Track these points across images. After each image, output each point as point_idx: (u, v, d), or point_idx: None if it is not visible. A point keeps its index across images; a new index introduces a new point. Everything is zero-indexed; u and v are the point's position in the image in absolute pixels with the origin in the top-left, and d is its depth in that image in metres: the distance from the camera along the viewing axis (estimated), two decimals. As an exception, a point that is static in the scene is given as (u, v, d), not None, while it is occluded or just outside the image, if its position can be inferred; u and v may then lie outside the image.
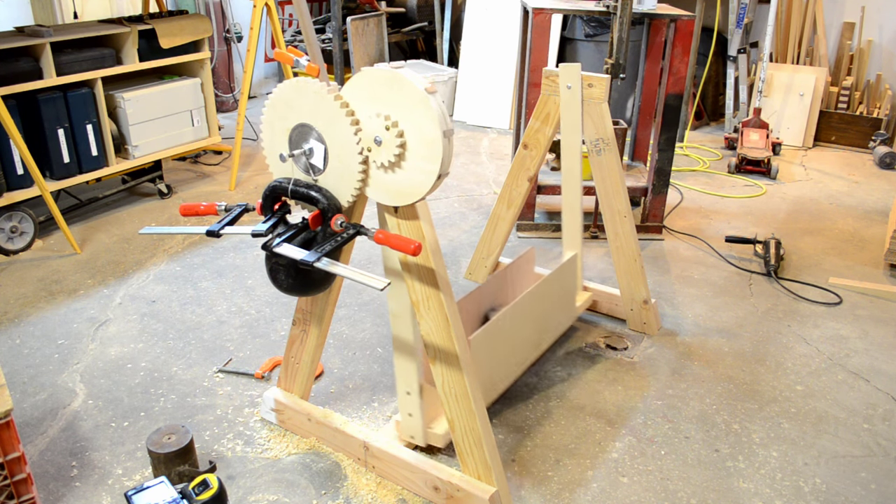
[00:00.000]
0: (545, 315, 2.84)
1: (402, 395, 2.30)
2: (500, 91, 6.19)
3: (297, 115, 1.99)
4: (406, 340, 2.22)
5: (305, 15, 4.46)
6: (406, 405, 2.31)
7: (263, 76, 7.21)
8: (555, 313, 2.93)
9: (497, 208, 3.21)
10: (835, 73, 6.05)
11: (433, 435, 2.35)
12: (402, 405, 2.32)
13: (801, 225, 4.36)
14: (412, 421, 2.33)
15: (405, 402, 2.31)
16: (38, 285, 3.44)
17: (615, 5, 3.32)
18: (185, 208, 2.12)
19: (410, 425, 2.35)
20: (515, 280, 2.99)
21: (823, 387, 2.84)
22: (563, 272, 2.92)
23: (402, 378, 2.28)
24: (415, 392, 2.27)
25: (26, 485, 1.90)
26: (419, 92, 1.81)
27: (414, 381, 2.25)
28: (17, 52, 3.63)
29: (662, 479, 2.35)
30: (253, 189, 4.67)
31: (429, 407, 2.36)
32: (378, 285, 1.79)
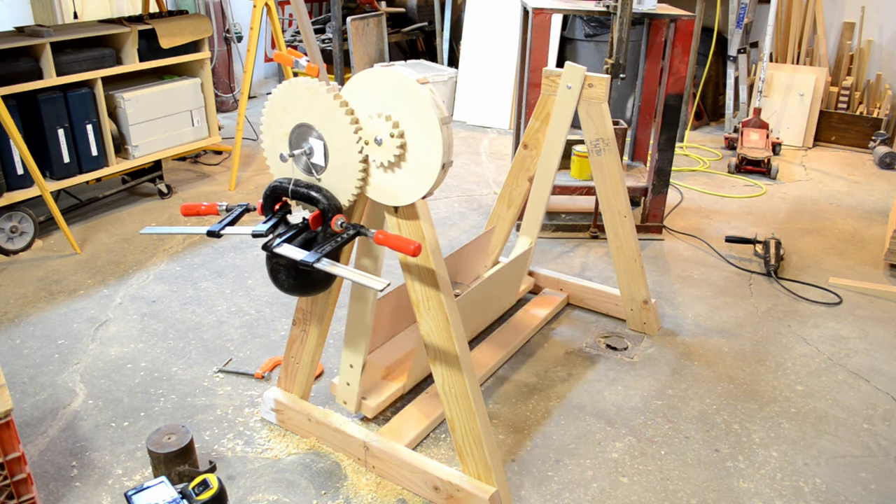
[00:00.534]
0: (492, 299, 3.06)
1: (345, 366, 2.49)
2: (500, 91, 6.19)
3: (297, 115, 1.99)
4: (363, 319, 2.37)
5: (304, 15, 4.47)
6: (346, 375, 2.51)
7: (263, 76, 7.21)
8: (501, 297, 3.17)
9: (497, 208, 3.21)
10: (835, 73, 6.05)
11: (366, 406, 2.57)
12: (343, 374, 2.52)
13: (801, 225, 4.36)
14: (349, 389, 2.54)
15: (346, 373, 2.50)
16: (38, 285, 3.44)
17: (615, 5, 3.32)
18: (185, 208, 2.12)
19: (346, 392, 2.55)
20: (470, 260, 3.15)
21: (823, 387, 2.84)
22: (517, 262, 3.10)
23: (349, 352, 2.45)
24: (358, 366, 2.46)
25: (26, 485, 1.91)
26: (411, 84, 1.82)
27: (361, 356, 2.43)
28: (17, 52, 3.63)
29: (662, 479, 2.35)
30: (253, 189, 4.68)
31: (366, 381, 2.60)
32: (377, 286, 1.79)
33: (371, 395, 2.60)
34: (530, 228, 3.19)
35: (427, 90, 1.82)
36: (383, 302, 2.58)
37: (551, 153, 2.99)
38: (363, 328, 2.38)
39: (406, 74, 1.83)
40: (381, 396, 2.60)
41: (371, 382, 2.65)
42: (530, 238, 3.19)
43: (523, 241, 3.20)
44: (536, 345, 3.07)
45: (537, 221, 3.17)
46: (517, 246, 3.21)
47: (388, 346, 2.77)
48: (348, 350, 2.45)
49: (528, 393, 2.76)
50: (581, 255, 3.90)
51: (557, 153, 2.97)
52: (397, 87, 1.85)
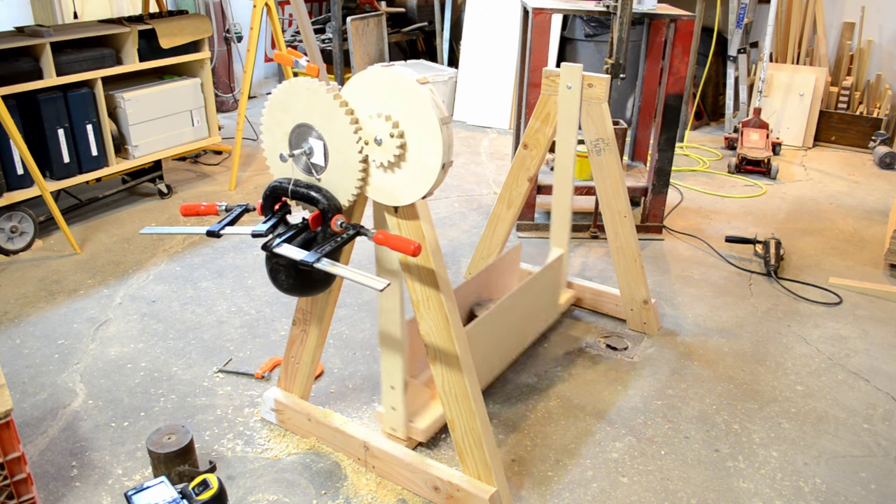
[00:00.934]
0: (529, 313, 2.91)
1: (386, 388, 2.35)
2: (500, 91, 6.19)
3: (297, 115, 1.99)
4: (393, 336, 2.25)
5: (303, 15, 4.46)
6: (389, 399, 2.35)
7: (263, 76, 7.21)
8: (539, 310, 3.00)
9: (497, 208, 3.21)
10: (835, 73, 6.05)
11: (414, 429, 2.40)
12: (386, 399, 2.36)
13: (801, 225, 4.36)
14: (395, 414, 2.37)
15: (389, 396, 2.35)
16: (38, 285, 3.44)
17: (615, 5, 3.32)
18: (185, 208, 2.12)
19: (392, 418, 2.39)
20: (501, 275, 3.04)
21: (823, 387, 2.84)
22: (548, 271, 2.98)
23: (387, 373, 2.32)
24: (399, 387, 2.31)
25: (26, 485, 1.91)
26: (411, 84, 1.82)
27: (399, 376, 2.29)
28: (17, 52, 3.63)
29: (662, 479, 2.35)
30: (253, 189, 4.68)
31: (411, 402, 2.40)
32: (378, 286, 1.79)
33: (418, 417, 2.42)
34: (560, 237, 3.10)
35: (427, 90, 1.82)
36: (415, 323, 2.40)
37: (565, 157, 2.95)
38: (395, 344, 2.25)
39: (406, 74, 1.83)
40: (431, 417, 2.41)
41: (419, 404, 2.47)
42: (562, 248, 3.10)
43: (555, 252, 3.10)
44: (536, 345, 3.07)
45: (566, 228, 3.08)
46: (550, 255, 3.10)
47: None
48: (386, 371, 2.31)
49: (528, 393, 2.76)
50: (581, 255, 3.90)
51: (570, 155, 2.94)
52: (397, 87, 1.85)
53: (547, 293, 3.04)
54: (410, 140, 1.88)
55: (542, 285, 2.94)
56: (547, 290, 3.02)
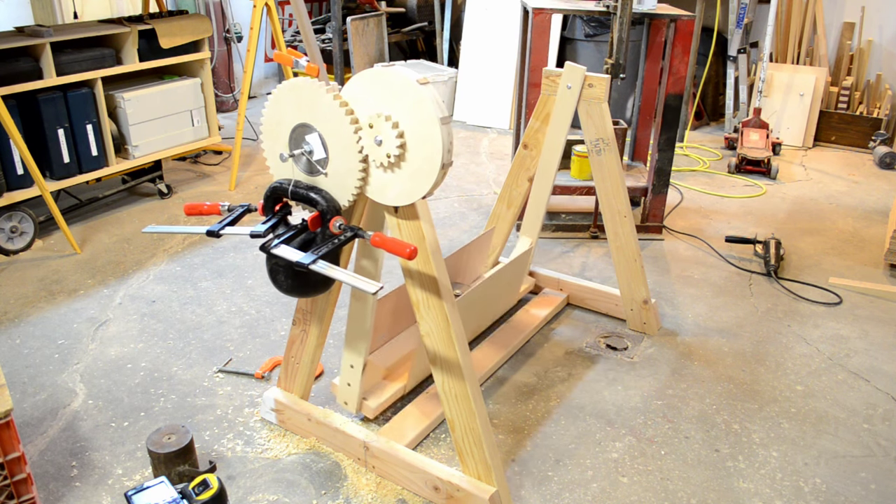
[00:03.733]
0: (492, 300, 3.05)
1: (345, 366, 2.49)
2: (500, 91, 6.19)
3: (297, 115, 1.99)
4: (363, 320, 2.37)
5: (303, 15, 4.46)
6: (347, 376, 2.51)
7: (263, 76, 7.21)
8: (501, 298, 3.15)
9: (497, 208, 3.21)
10: (835, 73, 6.05)
11: (366, 406, 2.57)
12: (344, 375, 2.52)
13: (801, 225, 4.36)
14: (349, 390, 2.54)
15: (347, 373, 2.51)
16: (38, 285, 3.44)
17: (615, 5, 3.32)
18: (189, 207, 2.13)
19: (347, 393, 2.55)
20: (470, 260, 3.12)
21: (823, 387, 2.84)
22: (517, 262, 3.08)
23: (350, 352, 2.45)
24: (359, 366, 2.46)
25: (26, 485, 1.91)
26: (411, 84, 1.82)
27: (361, 356, 2.43)
28: (17, 52, 3.63)
29: (662, 479, 2.35)
30: (253, 189, 4.68)
31: (366, 381, 2.58)
32: (370, 289, 1.79)
33: (372, 396, 2.60)
34: (531, 228, 3.19)
35: (427, 90, 1.82)
36: (383, 302, 2.58)
37: (551, 153, 2.99)
38: (363, 329, 2.38)
39: (406, 74, 1.83)
40: (382, 397, 2.59)
41: (372, 383, 2.65)
42: (531, 238, 3.19)
43: (524, 242, 3.20)
44: (536, 345, 3.07)
45: (538, 221, 3.17)
46: (517, 246, 3.21)
47: (388, 346, 2.77)
48: (349, 350, 2.45)
49: (527, 393, 2.76)
50: (581, 255, 3.90)
51: (557, 153, 2.97)
52: (397, 87, 1.85)
53: (512, 282, 3.16)
54: (410, 140, 1.88)
55: (508, 275, 3.07)
56: (512, 279, 3.15)
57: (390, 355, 2.75)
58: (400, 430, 2.44)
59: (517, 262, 3.09)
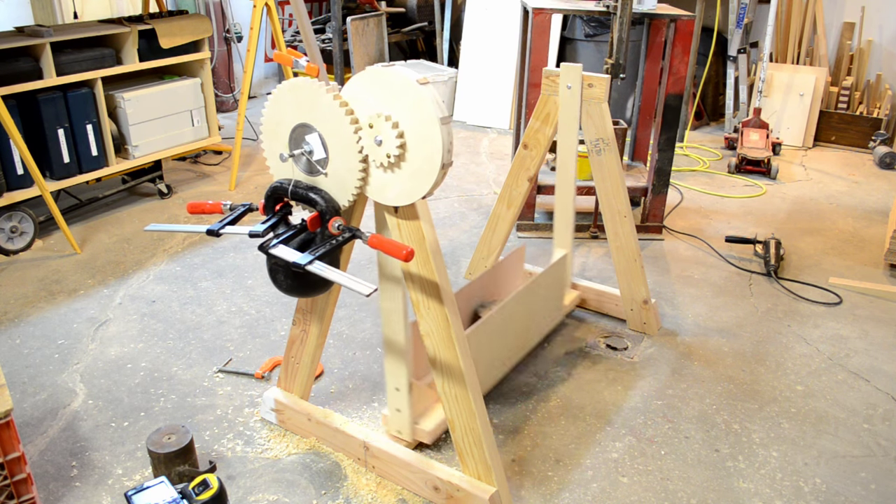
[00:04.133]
0: (533, 313, 2.88)
1: (391, 390, 2.33)
2: (500, 91, 6.19)
3: (297, 115, 1.99)
4: (397, 337, 2.24)
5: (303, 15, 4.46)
6: (395, 401, 2.34)
7: (263, 76, 7.21)
8: (543, 312, 2.98)
9: (497, 208, 3.21)
10: (835, 73, 6.05)
11: (420, 431, 2.38)
12: (391, 401, 2.35)
13: (801, 225, 4.36)
14: (400, 416, 2.37)
15: (394, 398, 2.34)
16: (38, 285, 3.44)
17: (615, 5, 3.32)
18: (192, 206, 2.14)
19: (398, 420, 2.38)
20: (505, 276, 3.02)
21: (823, 387, 2.84)
22: (553, 271, 2.96)
23: (391, 374, 2.31)
24: (404, 388, 2.30)
25: (26, 485, 1.91)
26: (411, 84, 1.82)
27: (403, 378, 2.28)
28: (17, 52, 3.63)
29: (662, 479, 2.35)
30: (253, 189, 4.68)
31: (416, 403, 2.39)
32: (364, 291, 1.78)
33: (423, 419, 2.40)
34: (563, 237, 3.09)
35: (427, 90, 1.82)
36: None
37: (566, 157, 2.94)
38: (399, 345, 2.24)
39: (406, 74, 1.83)
40: (437, 419, 2.39)
41: (424, 406, 2.45)
42: (566, 249, 3.09)
43: (559, 252, 3.10)
44: (536, 345, 3.07)
45: (569, 229, 3.08)
46: (554, 256, 3.09)
47: None
48: (390, 373, 2.30)
49: (527, 393, 2.76)
50: (581, 255, 3.90)
51: (572, 156, 2.93)
52: (397, 87, 1.84)
53: (551, 294, 3.02)
54: (410, 140, 1.88)
55: (545, 286, 2.93)
56: (551, 290, 3.01)
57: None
58: (400, 430, 2.42)
59: (553, 271, 2.93)
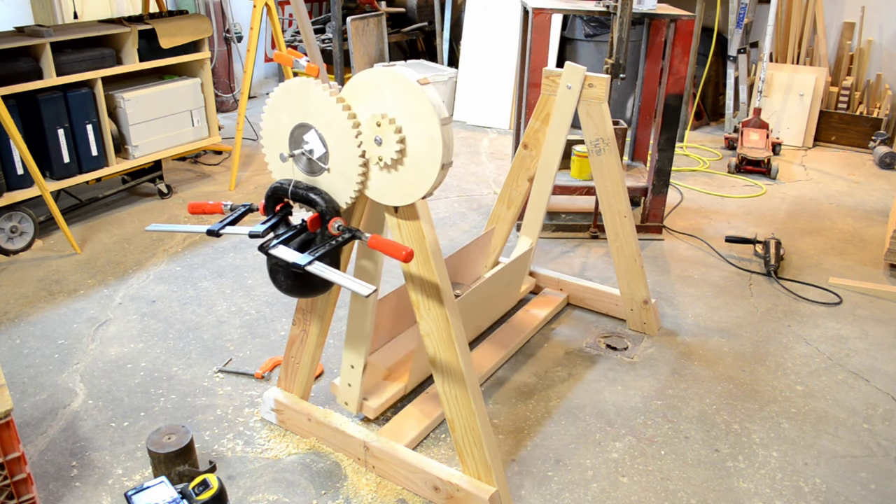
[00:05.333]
0: (490, 302, 3.04)
1: (346, 366, 2.49)
2: (500, 91, 6.19)
3: (297, 115, 1.99)
4: (363, 320, 2.37)
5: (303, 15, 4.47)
6: (347, 376, 2.51)
7: (263, 76, 7.21)
8: (499, 298, 3.13)
9: (497, 208, 3.21)
10: (835, 73, 6.05)
11: (367, 406, 2.57)
12: (344, 375, 2.52)
13: (801, 225, 4.36)
14: (350, 390, 2.54)
15: (347, 374, 2.51)
16: (38, 285, 3.44)
17: (615, 5, 3.32)
18: (192, 206, 2.14)
19: (347, 393, 2.55)
20: (471, 260, 3.13)
21: (823, 387, 2.84)
22: (517, 262, 3.07)
23: (350, 353, 2.45)
24: (359, 367, 2.46)
25: (26, 485, 1.91)
26: (411, 84, 1.82)
27: (361, 357, 2.43)
28: (17, 52, 3.63)
29: (662, 479, 2.35)
30: (253, 189, 4.68)
31: (367, 381, 2.57)
32: (364, 291, 1.79)
33: (372, 396, 2.59)
34: (531, 229, 3.19)
35: (427, 91, 1.82)
36: (384, 302, 2.58)
37: (551, 153, 2.98)
38: (363, 329, 2.38)
39: (406, 75, 1.83)
40: (383, 397, 2.59)
41: (372, 383, 2.64)
42: (531, 238, 3.19)
43: (524, 242, 3.20)
44: (536, 345, 3.07)
45: (538, 221, 3.16)
46: (518, 246, 3.21)
47: (389, 346, 2.77)
48: (349, 351, 2.45)
49: (527, 393, 2.76)
50: (581, 255, 3.90)
51: (557, 153, 2.97)
52: (397, 87, 1.85)
53: (511, 282, 3.15)
54: (410, 140, 1.88)
55: (508, 275, 3.06)
56: (512, 279, 3.14)
57: (391, 355, 2.75)
58: (400, 430, 2.44)
59: (517, 263, 3.09)
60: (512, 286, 3.19)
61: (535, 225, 3.18)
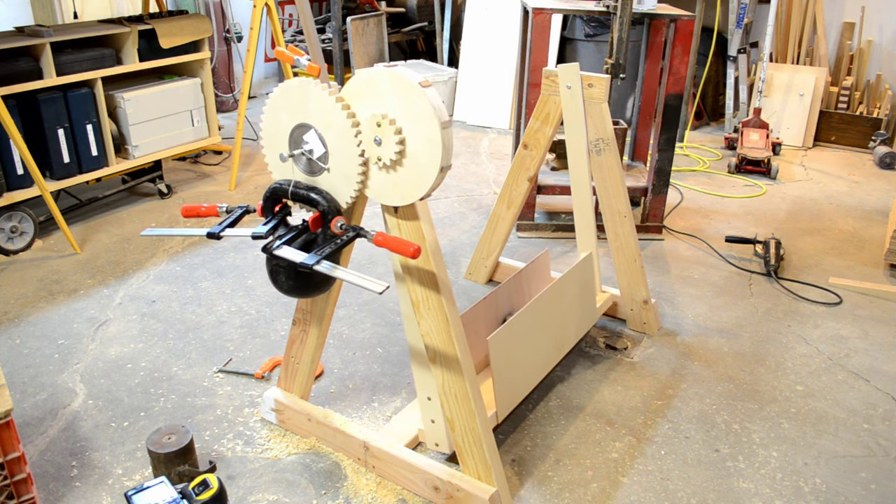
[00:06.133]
0: (565, 315, 2.76)
1: (422, 400, 2.25)
2: (500, 91, 6.19)
3: (296, 115, 1.99)
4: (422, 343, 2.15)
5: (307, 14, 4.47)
6: (428, 411, 2.26)
7: (263, 76, 7.21)
8: (575, 313, 2.84)
9: (497, 208, 3.21)
10: (835, 73, 6.05)
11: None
12: (424, 411, 2.27)
13: (801, 225, 4.36)
14: (435, 427, 2.29)
15: (427, 408, 2.26)
16: (38, 285, 3.44)
17: (615, 5, 3.32)
18: (186, 210, 2.12)
19: (434, 431, 2.31)
20: (531, 283, 2.92)
21: (823, 387, 2.84)
22: (579, 271, 2.83)
23: (421, 383, 2.22)
24: (436, 397, 2.20)
25: (26, 485, 1.91)
26: (412, 84, 1.82)
27: (434, 386, 2.19)
28: (17, 52, 3.63)
29: (662, 479, 2.35)
30: (253, 189, 4.68)
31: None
32: (377, 289, 1.79)
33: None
34: (587, 242, 3.05)
35: (428, 93, 1.82)
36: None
37: (578, 159, 2.90)
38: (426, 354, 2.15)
39: (407, 75, 1.83)
40: None
41: None
42: (590, 249, 3.03)
43: (584, 254, 3.02)
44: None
45: (591, 232, 3.03)
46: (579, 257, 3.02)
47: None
48: (420, 382, 2.22)
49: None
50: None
51: (584, 158, 2.89)
52: (397, 87, 1.85)
53: (582, 295, 2.88)
54: (410, 140, 1.88)
55: (574, 286, 2.79)
56: (581, 291, 2.87)
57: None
58: (400, 430, 2.43)
59: (579, 271, 2.83)
60: (583, 301, 2.89)
61: (590, 236, 3.02)
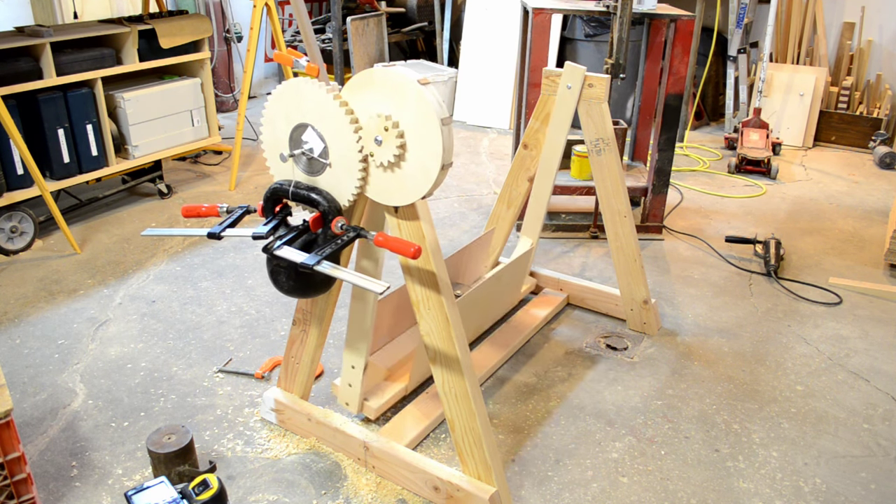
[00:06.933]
0: (490, 303, 3.03)
1: (346, 367, 2.49)
2: (500, 91, 6.19)
3: (297, 115, 1.99)
4: (364, 320, 2.37)
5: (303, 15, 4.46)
6: (348, 376, 2.52)
7: (263, 76, 7.21)
8: (500, 300, 3.14)
9: (497, 208, 3.21)
10: (835, 73, 6.05)
11: (368, 407, 2.57)
12: (345, 376, 2.52)
13: (801, 225, 4.36)
14: (350, 391, 2.54)
15: (348, 374, 2.51)
16: (38, 285, 3.44)
17: (615, 5, 3.32)
18: (186, 210, 2.13)
19: (348, 393, 2.56)
20: (472, 260, 3.13)
21: (823, 387, 2.84)
22: (518, 262, 3.07)
23: (351, 353, 2.46)
24: (360, 367, 2.46)
25: (26, 485, 1.91)
26: (412, 84, 1.82)
27: (362, 358, 2.43)
28: (17, 52, 3.63)
29: (662, 479, 2.35)
30: (253, 189, 4.68)
31: (368, 382, 2.57)
32: (378, 289, 1.79)
33: (373, 397, 2.59)
34: (531, 229, 3.19)
35: (427, 91, 1.82)
36: (384, 303, 2.58)
37: (551, 153, 2.99)
38: (364, 329, 2.38)
39: (406, 74, 1.83)
40: (384, 398, 2.59)
41: (373, 383, 2.64)
42: (531, 238, 3.19)
43: (524, 242, 3.20)
44: (536, 345, 3.07)
45: (538, 221, 3.17)
46: (518, 246, 3.21)
47: (389, 347, 2.77)
48: (349, 351, 2.45)
49: (527, 393, 2.76)
50: (581, 255, 3.90)
51: (558, 153, 2.97)
52: (397, 87, 1.85)
53: (512, 282, 3.15)
54: (410, 140, 1.88)
55: (509, 275, 3.05)
56: (513, 279, 3.14)
57: (391, 356, 2.75)
58: (400, 430, 2.44)
59: (518, 263, 3.09)
60: (513, 286, 3.19)
61: (535, 225, 3.18)
